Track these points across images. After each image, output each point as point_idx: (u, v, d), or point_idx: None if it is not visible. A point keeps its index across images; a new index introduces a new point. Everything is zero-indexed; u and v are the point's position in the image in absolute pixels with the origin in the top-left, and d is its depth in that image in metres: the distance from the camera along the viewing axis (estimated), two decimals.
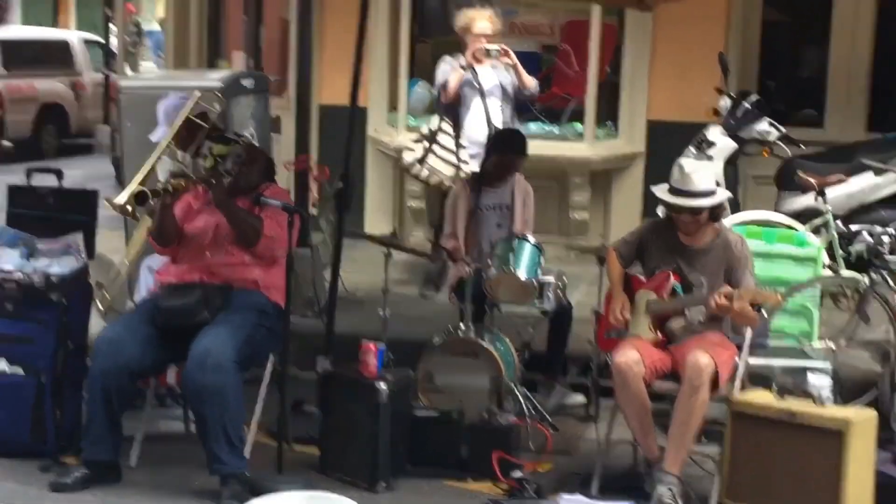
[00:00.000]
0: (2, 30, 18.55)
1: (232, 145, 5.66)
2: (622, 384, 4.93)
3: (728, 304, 4.90)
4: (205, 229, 5.22)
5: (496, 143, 6.35)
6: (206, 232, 5.21)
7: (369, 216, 9.36)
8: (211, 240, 5.20)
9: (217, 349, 4.74)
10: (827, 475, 4.58)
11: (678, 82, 8.63)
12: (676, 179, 5.07)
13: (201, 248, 5.20)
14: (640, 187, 8.87)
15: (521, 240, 5.86)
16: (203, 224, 5.25)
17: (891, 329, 6.16)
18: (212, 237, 5.20)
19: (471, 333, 5.68)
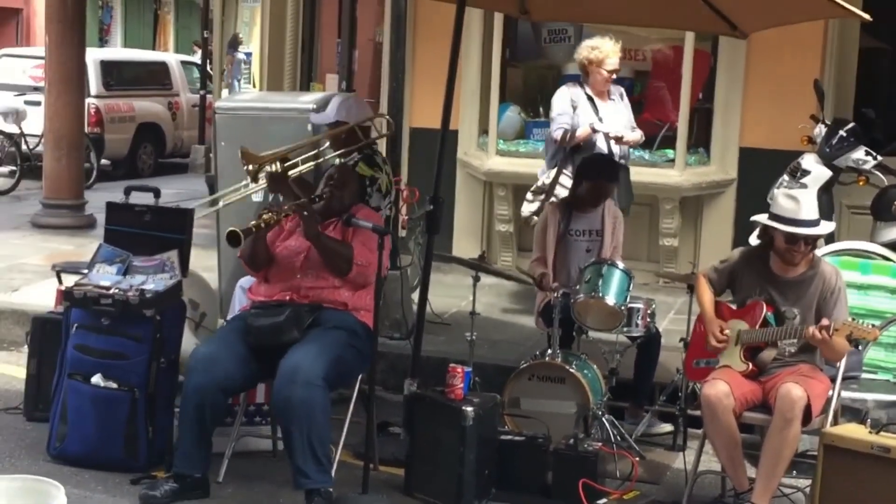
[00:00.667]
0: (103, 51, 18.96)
1: (376, 171, 5.81)
2: (711, 417, 4.88)
3: (826, 337, 4.82)
4: (297, 251, 5.29)
5: (588, 169, 6.33)
6: (298, 254, 5.27)
7: (458, 239, 9.39)
8: (302, 262, 5.25)
9: (306, 365, 4.78)
10: None
11: (772, 109, 8.54)
12: (789, 209, 4.99)
13: (293, 269, 5.25)
14: (732, 215, 8.79)
15: (610, 265, 5.84)
16: (295, 245, 5.31)
17: None
18: (303, 260, 5.26)
19: (558, 359, 5.66)
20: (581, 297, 5.76)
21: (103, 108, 15.33)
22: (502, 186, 9.22)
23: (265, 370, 5.00)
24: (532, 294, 6.51)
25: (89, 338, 5.34)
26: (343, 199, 5.39)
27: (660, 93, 9.23)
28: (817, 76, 8.09)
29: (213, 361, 4.91)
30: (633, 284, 5.91)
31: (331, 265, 5.17)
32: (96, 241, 6.13)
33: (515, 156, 9.24)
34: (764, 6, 5.70)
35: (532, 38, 9.64)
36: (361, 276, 5.15)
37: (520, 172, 9.12)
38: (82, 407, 5.28)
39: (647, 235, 8.99)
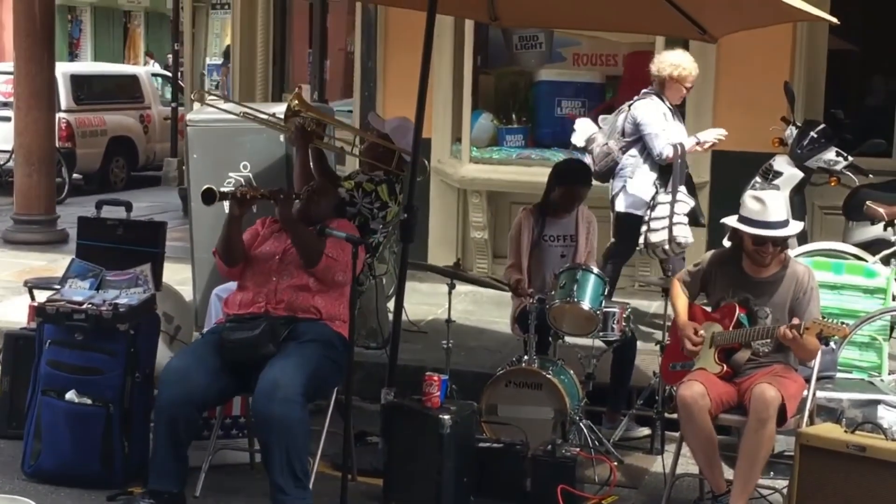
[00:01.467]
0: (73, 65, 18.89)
1: (392, 200, 5.92)
2: (687, 418, 4.90)
3: (797, 336, 4.85)
4: (272, 253, 5.32)
5: (561, 175, 6.34)
6: (273, 256, 5.30)
7: (433, 247, 9.39)
8: (277, 265, 5.27)
9: (285, 382, 4.77)
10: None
11: (743, 112, 8.57)
12: (755, 211, 5.02)
13: (268, 273, 5.26)
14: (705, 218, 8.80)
15: (585, 270, 5.85)
16: (270, 249, 5.34)
17: None
18: (278, 262, 5.28)
19: (534, 365, 5.66)
20: (556, 302, 5.77)
21: (74, 123, 15.28)
22: (476, 193, 9.22)
23: (240, 384, 4.99)
24: (507, 301, 6.51)
25: (63, 353, 5.31)
26: (320, 207, 5.41)
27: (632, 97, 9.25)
28: (787, 78, 8.15)
29: (186, 375, 4.89)
30: (607, 289, 5.93)
31: (302, 252, 5.19)
32: (69, 256, 6.12)
33: (489, 163, 9.25)
34: (732, 10, 5.74)
35: (503, 45, 9.66)
36: (330, 271, 5.17)
37: (493, 179, 9.14)
38: (56, 423, 5.25)
39: None
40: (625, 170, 7.06)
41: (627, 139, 7.07)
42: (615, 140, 7.12)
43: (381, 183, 6.12)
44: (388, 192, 6.13)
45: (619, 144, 7.09)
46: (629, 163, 7.05)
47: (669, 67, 7.07)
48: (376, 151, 6.27)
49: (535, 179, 7.63)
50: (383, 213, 6.12)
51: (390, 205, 6.14)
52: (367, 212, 6.09)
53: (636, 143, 7.05)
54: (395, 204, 6.18)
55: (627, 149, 7.07)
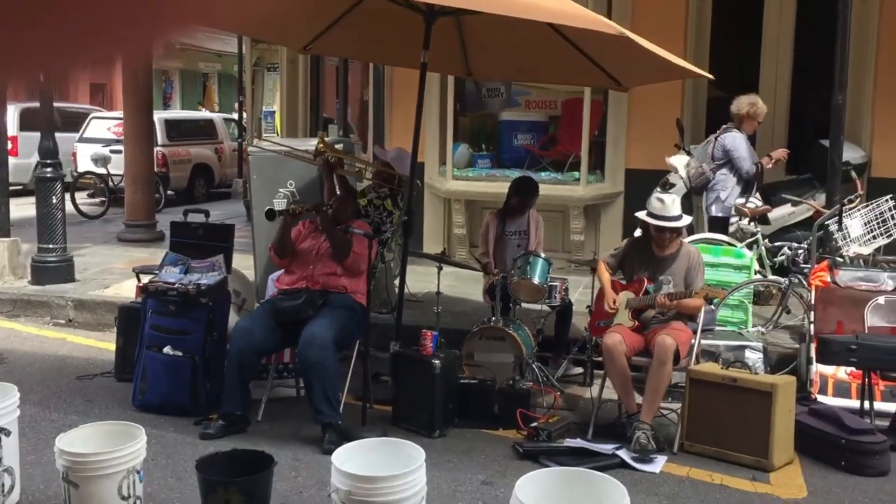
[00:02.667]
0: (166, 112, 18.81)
1: (395, 209, 5.87)
2: (609, 358, 4.91)
3: (669, 303, 4.87)
4: (311, 248, 5.28)
5: (516, 188, 6.33)
6: (312, 250, 5.26)
7: (426, 240, 9.37)
8: (314, 256, 5.24)
9: (320, 334, 4.76)
10: (760, 424, 4.53)
11: (648, 140, 8.58)
12: (659, 208, 5.03)
13: (307, 262, 5.23)
14: (621, 217, 8.82)
15: (535, 256, 5.85)
16: (309, 244, 5.30)
17: (805, 317, 6.09)
18: (315, 254, 5.24)
19: (499, 324, 5.67)
20: (515, 279, 5.77)
21: (168, 154, 15.21)
22: (457, 202, 9.20)
23: (289, 338, 4.98)
24: (480, 278, 6.50)
25: (161, 319, 5.31)
26: (345, 211, 5.40)
27: (568, 131, 9.27)
28: (679, 116, 8.14)
29: (249, 332, 4.88)
30: (551, 269, 5.93)
31: (336, 250, 5.15)
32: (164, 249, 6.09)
33: (466, 179, 9.23)
34: (639, 71, 5.75)
35: (475, 94, 9.64)
36: (355, 263, 5.14)
37: (469, 191, 9.13)
38: (157, 370, 5.25)
39: (561, 233, 9.02)
40: (717, 185, 7.05)
41: (717, 162, 7.06)
42: (707, 163, 7.10)
43: (387, 197, 6.14)
44: (392, 203, 6.14)
45: (711, 166, 7.07)
46: (720, 179, 7.04)
47: (747, 106, 7.06)
48: (382, 175, 6.29)
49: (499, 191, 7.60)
50: (390, 218, 6.14)
51: (395, 212, 6.16)
52: (378, 219, 6.10)
53: (725, 165, 7.02)
54: (397, 210, 6.18)
55: (717, 169, 7.04)
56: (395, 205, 6.25)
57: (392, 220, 6.23)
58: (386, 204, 6.17)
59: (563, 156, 9.12)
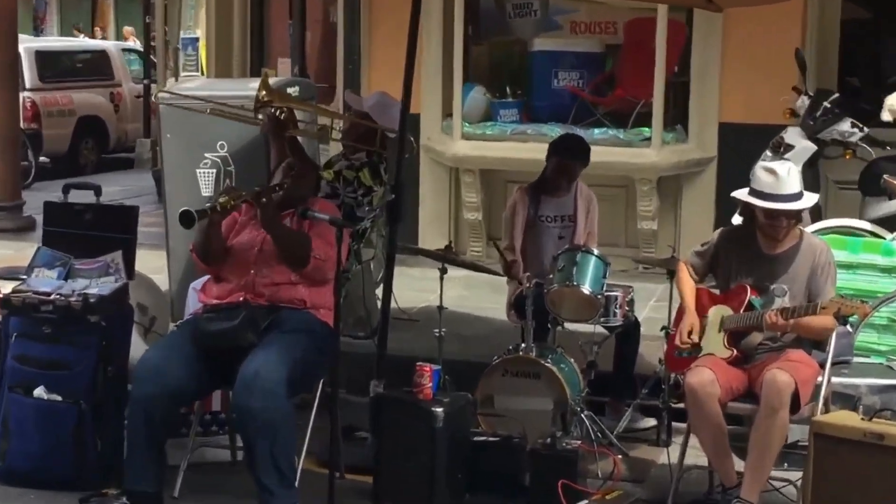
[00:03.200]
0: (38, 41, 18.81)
1: (377, 184, 5.90)
2: (696, 407, 4.90)
3: (783, 323, 4.85)
4: (250, 244, 5.25)
5: (556, 148, 6.35)
6: (252, 247, 5.24)
7: (423, 229, 9.41)
8: (256, 256, 5.21)
9: (267, 372, 4.74)
10: None
11: (752, 81, 8.58)
12: (767, 183, 5.00)
13: (246, 265, 5.21)
14: (713, 194, 8.82)
15: (584, 252, 5.85)
16: (248, 238, 5.28)
17: None
18: (257, 253, 5.22)
19: (532, 353, 5.67)
20: (555, 286, 5.77)
21: (40, 102, 15.22)
22: (469, 172, 9.23)
23: (220, 377, 4.97)
24: (503, 285, 6.51)
25: (30, 347, 5.29)
26: (300, 188, 5.38)
27: (633, 67, 9.26)
28: (798, 45, 8.13)
29: (161, 369, 4.87)
30: (609, 271, 5.92)
31: (287, 257, 5.14)
32: (35, 243, 6.10)
33: (482, 139, 9.26)
34: None
35: (496, 13, 9.65)
36: (319, 272, 5.13)
37: (487, 157, 9.15)
38: (25, 421, 5.23)
39: (624, 219, 9.03)
40: None
41: None
42: None
43: (363, 167, 6.14)
44: (371, 174, 6.15)
45: None
46: None
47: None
48: (357, 132, 6.29)
49: (531, 156, 7.65)
50: (368, 197, 6.15)
51: (375, 188, 6.17)
52: (352, 200, 6.10)
53: None
54: (380, 186, 6.19)
55: None
56: (377, 178, 6.26)
57: (372, 199, 6.23)
58: (362, 176, 6.17)
59: (627, 104, 9.14)
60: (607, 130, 8.99)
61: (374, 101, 6.34)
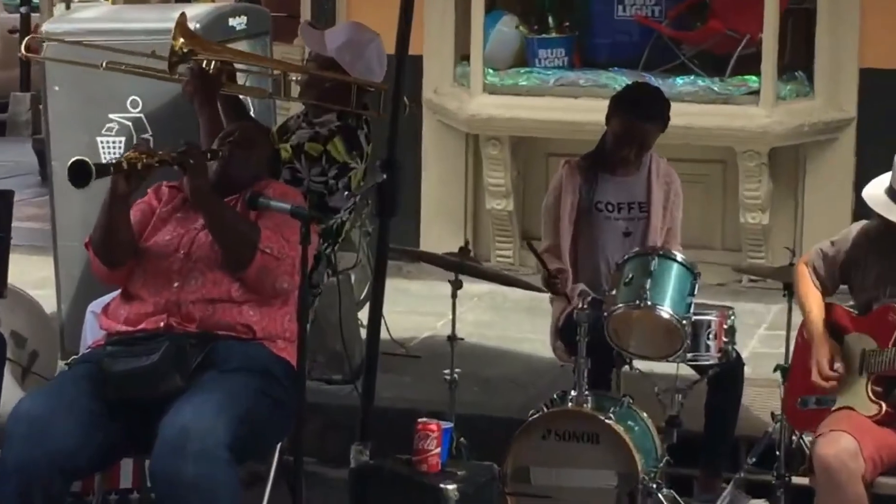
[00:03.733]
0: None
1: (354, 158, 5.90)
2: (830, 488, 4.91)
3: None
4: (172, 247, 5.27)
5: (621, 104, 6.33)
6: (176, 249, 5.25)
7: (427, 224, 9.48)
8: (182, 263, 5.23)
9: (201, 430, 4.73)
10: None
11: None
12: None
13: (167, 276, 5.23)
14: (850, 173, 8.81)
15: (662, 257, 5.84)
16: (172, 238, 5.30)
17: None
18: (183, 259, 5.23)
19: (587, 405, 5.66)
20: (620, 307, 5.76)
21: None
22: (494, 141, 9.25)
23: (132, 439, 4.98)
24: (545, 305, 6.51)
25: None
26: (247, 164, 5.39)
27: None
28: None
29: (46, 426, 4.85)
30: (699, 286, 5.91)
31: (225, 247, 5.16)
32: None
33: (513, 92, 9.31)
34: None
35: None
36: (269, 275, 5.13)
37: (521, 119, 9.15)
38: None
39: (721, 209, 9.04)
40: None
41: None
42: None
43: (333, 136, 6.09)
44: (345, 146, 6.10)
45: None
46: None
47: None
48: (321, 88, 6.24)
49: (583, 117, 7.67)
50: (344, 179, 6.10)
51: (352, 164, 6.12)
52: (320, 185, 6.07)
53: None
54: (359, 161, 6.15)
55: None
56: (354, 149, 6.21)
57: (349, 181, 6.20)
58: (333, 150, 6.11)
59: (724, 42, 9.16)
60: (696, 80, 8.99)
61: (342, 41, 6.29)
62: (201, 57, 5.87)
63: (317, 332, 6.36)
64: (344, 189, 6.12)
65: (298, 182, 6.00)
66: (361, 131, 6.23)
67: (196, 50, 5.83)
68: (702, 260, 6.35)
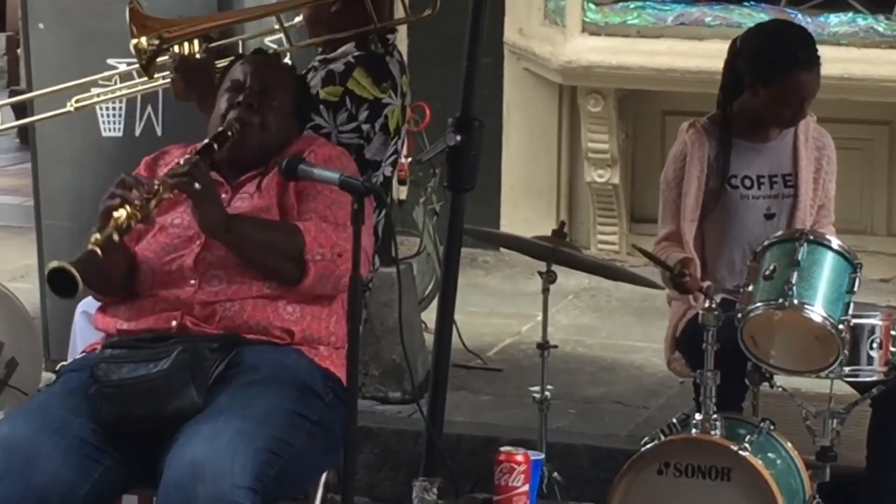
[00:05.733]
0: None
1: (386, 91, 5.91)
2: None
3: None
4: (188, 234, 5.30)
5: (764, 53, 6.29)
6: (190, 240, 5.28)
7: (511, 201, 9.49)
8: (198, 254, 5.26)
9: (215, 468, 4.74)
10: None
11: None
12: None
13: (181, 273, 5.26)
14: None
15: (813, 243, 5.82)
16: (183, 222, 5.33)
17: None
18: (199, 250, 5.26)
19: (715, 431, 5.66)
20: (758, 307, 5.74)
21: None
22: (596, 95, 9.27)
23: (135, 470, 5.01)
24: (662, 306, 6.50)
25: None
26: (267, 128, 5.41)
27: None
28: None
29: (30, 456, 4.88)
30: (860, 281, 5.89)
31: (266, 273, 5.19)
32: None
33: (620, 33, 9.35)
34: None
35: None
36: (329, 279, 5.15)
37: (630, 67, 9.15)
38: None
39: (887, 183, 8.99)
40: None
41: None
42: None
43: (352, 69, 6.05)
44: (370, 79, 6.05)
45: None
46: None
47: None
48: (328, 16, 6.19)
49: (711, 65, 7.63)
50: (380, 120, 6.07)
51: (385, 98, 6.08)
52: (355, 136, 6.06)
53: None
54: (394, 95, 6.11)
55: None
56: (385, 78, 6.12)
57: (386, 123, 6.12)
58: (355, 87, 6.03)
59: None
60: (854, 18, 8.96)
61: None
62: (176, 41, 5.87)
63: (369, 338, 6.38)
64: (382, 134, 6.09)
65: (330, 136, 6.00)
66: (391, 58, 6.20)
67: (167, 36, 5.82)
68: (862, 248, 6.33)
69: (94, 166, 5.34)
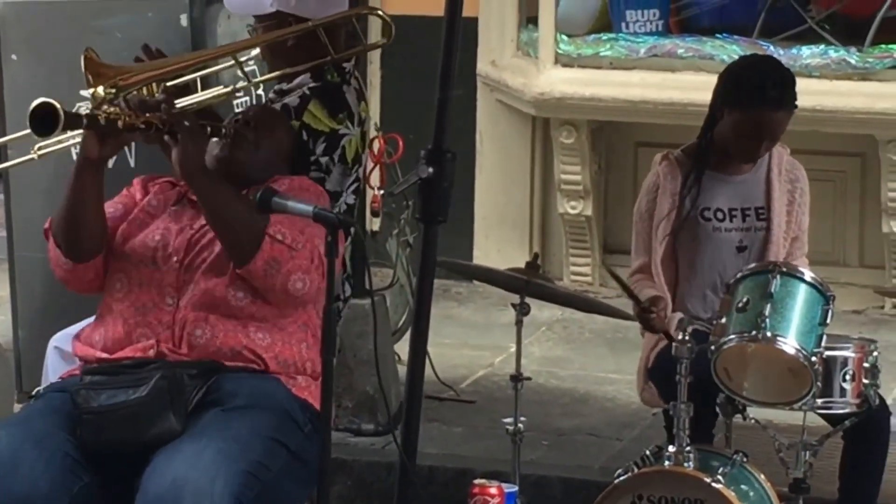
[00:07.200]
0: None
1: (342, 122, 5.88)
2: None
3: None
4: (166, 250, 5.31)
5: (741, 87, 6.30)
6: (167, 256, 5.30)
7: (483, 232, 9.50)
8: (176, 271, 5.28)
9: (195, 487, 4.76)
10: None
11: None
12: None
13: (159, 291, 5.28)
14: None
15: (786, 275, 5.85)
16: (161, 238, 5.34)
17: None
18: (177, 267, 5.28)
19: (689, 463, 5.67)
20: (731, 339, 5.76)
21: None
22: (569, 128, 9.28)
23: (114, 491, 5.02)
24: (634, 337, 6.52)
25: None
26: (258, 152, 5.45)
27: None
28: None
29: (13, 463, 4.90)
30: (832, 313, 5.91)
31: (224, 233, 5.20)
32: None
33: (593, 66, 9.36)
34: None
35: None
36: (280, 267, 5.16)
37: (602, 98, 9.16)
38: None
39: (858, 216, 9.01)
40: None
41: None
42: None
43: (307, 102, 6.05)
44: (324, 110, 6.05)
45: None
46: None
47: None
48: (283, 51, 6.20)
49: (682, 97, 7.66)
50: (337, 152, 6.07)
51: (342, 129, 6.07)
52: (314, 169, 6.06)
53: None
54: (351, 125, 6.10)
55: None
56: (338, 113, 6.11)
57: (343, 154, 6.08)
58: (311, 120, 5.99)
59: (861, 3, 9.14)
60: (827, 50, 8.98)
61: None
62: (132, 87, 5.85)
63: (342, 369, 6.38)
64: (341, 164, 6.09)
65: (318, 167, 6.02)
66: (348, 86, 6.20)
67: (122, 84, 5.79)
68: (834, 280, 6.34)
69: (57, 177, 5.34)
